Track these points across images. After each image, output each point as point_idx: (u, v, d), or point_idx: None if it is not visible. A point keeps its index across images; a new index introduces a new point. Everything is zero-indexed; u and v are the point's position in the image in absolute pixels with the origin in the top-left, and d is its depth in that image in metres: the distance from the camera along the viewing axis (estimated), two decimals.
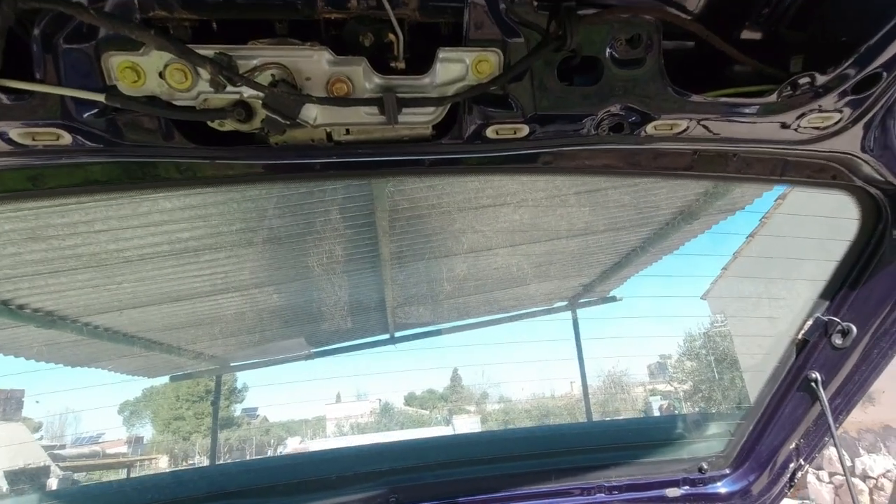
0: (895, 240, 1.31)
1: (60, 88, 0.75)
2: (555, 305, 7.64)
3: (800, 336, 1.47)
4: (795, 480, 1.58)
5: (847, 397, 1.47)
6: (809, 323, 1.45)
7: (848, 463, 11.42)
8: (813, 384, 1.44)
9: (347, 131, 0.93)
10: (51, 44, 0.73)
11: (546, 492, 1.50)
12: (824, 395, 1.44)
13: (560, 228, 4.74)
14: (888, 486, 11.60)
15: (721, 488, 1.59)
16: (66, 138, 0.80)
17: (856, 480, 12.01)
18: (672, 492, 1.57)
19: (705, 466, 1.58)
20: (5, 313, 3.58)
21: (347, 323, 5.86)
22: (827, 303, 1.42)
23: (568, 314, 7.96)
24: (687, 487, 1.57)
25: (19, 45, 0.73)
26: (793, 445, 1.53)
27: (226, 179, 1.00)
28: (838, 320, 1.39)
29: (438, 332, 6.84)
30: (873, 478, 11.79)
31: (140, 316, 4.46)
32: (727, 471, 1.59)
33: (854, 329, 1.38)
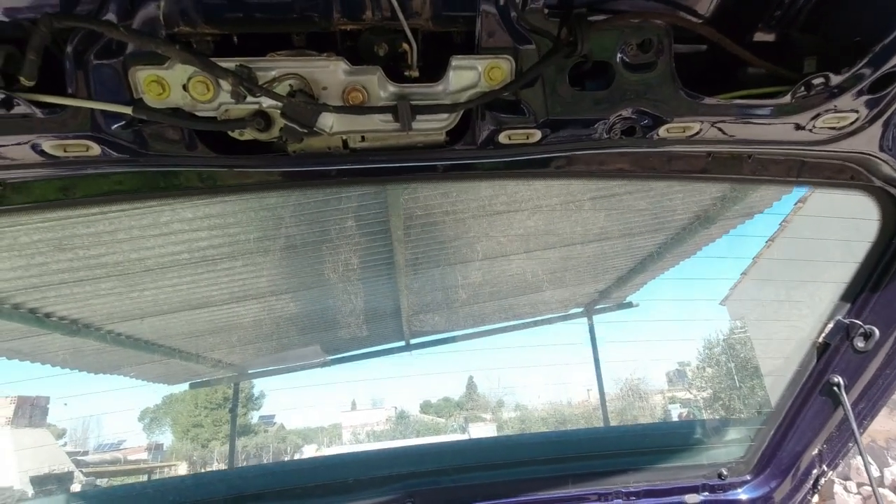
0: None
1: (91, 102, 0.79)
2: (571, 312, 7.59)
3: (821, 339, 1.44)
4: (819, 487, 1.55)
5: (871, 402, 1.44)
6: (830, 326, 1.42)
7: (876, 473, 11.06)
8: (835, 388, 1.42)
9: (363, 138, 0.95)
10: (82, 60, 0.77)
11: (563, 497, 1.49)
12: (847, 400, 1.41)
13: (575, 234, 4.72)
14: None
15: (742, 495, 1.56)
16: (95, 149, 0.83)
17: (885, 491, 11.61)
18: (691, 498, 1.55)
19: (725, 472, 1.56)
20: (32, 321, 3.68)
21: (363, 330, 5.89)
22: (848, 305, 1.40)
23: (584, 320, 7.89)
24: (706, 494, 1.55)
25: (53, 61, 0.77)
26: (815, 451, 1.50)
27: (245, 187, 1.03)
28: (860, 323, 1.37)
29: (454, 339, 6.84)
30: None
31: (161, 324, 4.55)
32: (748, 477, 1.56)
33: (877, 332, 1.35)
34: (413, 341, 6.53)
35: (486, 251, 4.62)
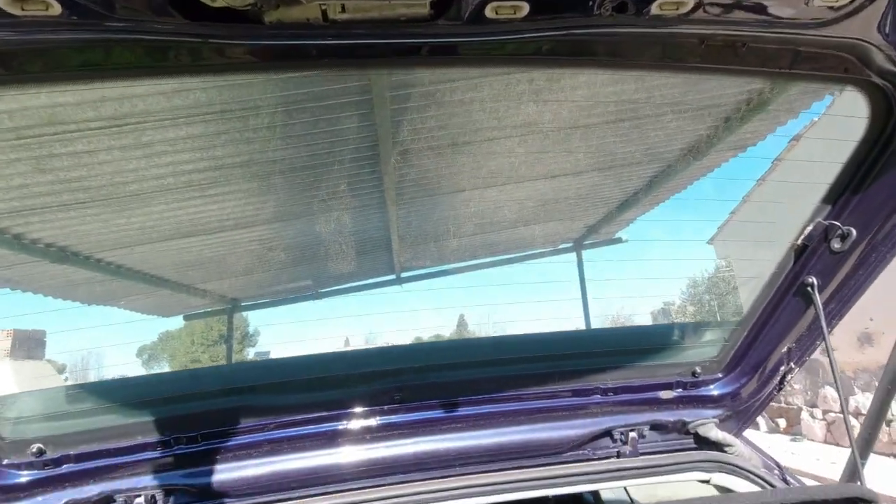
0: None
1: None
2: (560, 247, 7.67)
3: (799, 241, 1.48)
4: (785, 383, 1.64)
5: (841, 302, 1.50)
6: (810, 228, 1.45)
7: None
8: (809, 289, 1.47)
9: (343, 8, 0.91)
10: None
11: (545, 393, 1.57)
12: (819, 300, 1.46)
13: (567, 164, 4.68)
14: None
15: (713, 391, 1.65)
16: (56, 7, 0.79)
17: (848, 416, 12.34)
18: (666, 394, 1.64)
19: (699, 371, 1.64)
20: (19, 248, 3.66)
21: (354, 262, 5.93)
22: (829, 207, 1.42)
23: (573, 257, 8.00)
24: (680, 390, 1.64)
25: None
26: (785, 349, 1.58)
27: (219, 67, 1.00)
28: (839, 224, 1.40)
29: (445, 273, 6.92)
30: (864, 415, 12.05)
31: (150, 253, 4.54)
32: (720, 375, 1.65)
33: (854, 233, 1.38)
34: (404, 275, 6.61)
35: (476, 181, 4.59)
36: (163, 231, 4.15)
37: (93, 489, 1.36)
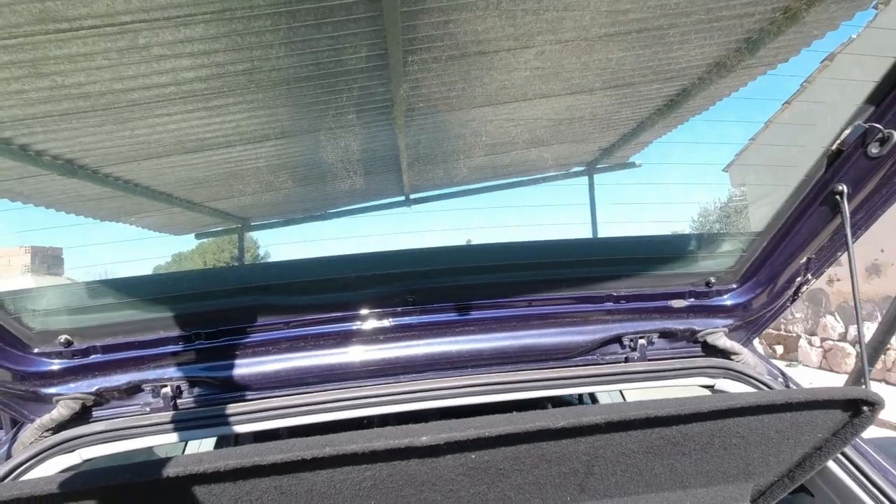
0: None
1: None
2: (573, 170, 7.51)
3: (834, 146, 1.40)
4: (800, 294, 1.63)
5: (870, 211, 1.45)
6: (847, 132, 1.37)
7: (841, 329, 12.00)
8: (837, 197, 1.41)
9: None
10: None
11: (557, 298, 1.59)
12: (847, 208, 1.41)
13: (584, 79, 4.45)
14: None
15: (726, 301, 1.65)
16: None
17: (845, 345, 12.67)
18: (678, 303, 1.65)
19: (713, 281, 1.64)
20: (26, 158, 3.62)
21: (363, 182, 5.87)
22: (872, 108, 1.33)
23: (585, 180, 7.86)
24: (692, 300, 1.64)
25: None
26: (804, 260, 1.55)
27: None
28: (880, 127, 1.32)
29: (454, 195, 6.85)
30: (860, 342, 12.36)
31: (157, 168, 4.50)
32: (734, 286, 1.64)
33: (894, 135, 1.30)
34: (413, 196, 6.56)
35: (489, 96, 4.39)
36: (168, 145, 4.07)
37: (121, 378, 1.42)
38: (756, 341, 2.09)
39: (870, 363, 1.43)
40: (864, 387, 1.35)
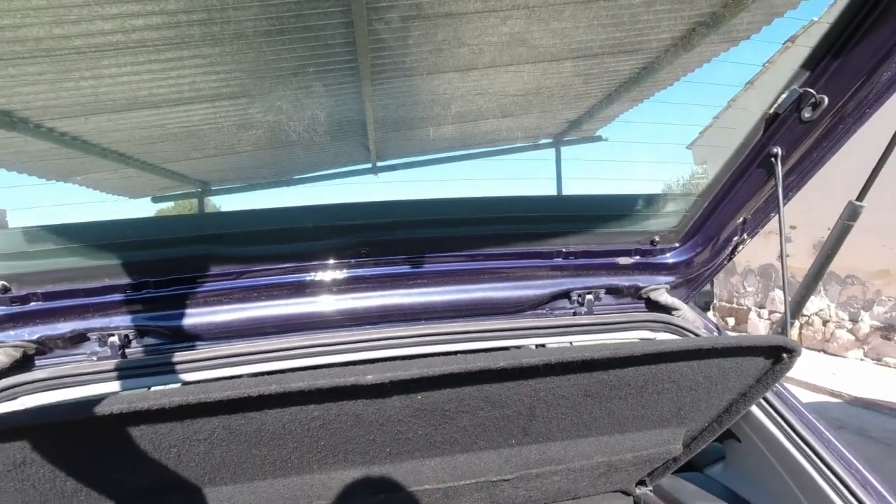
0: None
1: None
2: (540, 142, 7.55)
3: (771, 110, 1.47)
4: (736, 253, 1.73)
5: (801, 174, 1.54)
6: (784, 96, 1.44)
7: (787, 298, 12.72)
8: (772, 159, 1.49)
9: None
10: None
11: (509, 253, 1.63)
12: (780, 170, 1.49)
13: (552, 47, 4.44)
14: (816, 321, 13.04)
15: (669, 259, 1.74)
16: None
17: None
18: (624, 260, 1.72)
19: (657, 239, 1.71)
20: None
21: (329, 148, 5.75)
22: (807, 73, 1.40)
23: (552, 153, 7.92)
24: (638, 257, 1.71)
25: None
26: (740, 220, 1.64)
27: None
28: (813, 91, 1.39)
29: (422, 164, 6.80)
30: (806, 315, 13.20)
31: (107, 124, 4.28)
32: (676, 244, 1.73)
33: (826, 100, 1.37)
34: (380, 164, 6.47)
35: (457, 61, 4.34)
36: (118, 100, 3.87)
37: (64, 326, 1.39)
38: (710, 313, 2.21)
39: (792, 316, 1.54)
40: (784, 335, 1.45)
